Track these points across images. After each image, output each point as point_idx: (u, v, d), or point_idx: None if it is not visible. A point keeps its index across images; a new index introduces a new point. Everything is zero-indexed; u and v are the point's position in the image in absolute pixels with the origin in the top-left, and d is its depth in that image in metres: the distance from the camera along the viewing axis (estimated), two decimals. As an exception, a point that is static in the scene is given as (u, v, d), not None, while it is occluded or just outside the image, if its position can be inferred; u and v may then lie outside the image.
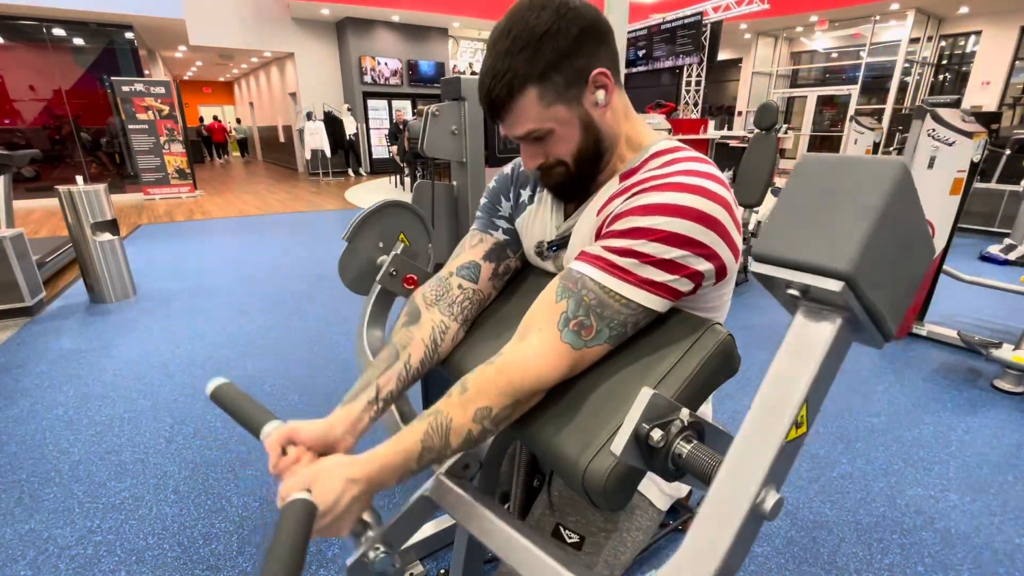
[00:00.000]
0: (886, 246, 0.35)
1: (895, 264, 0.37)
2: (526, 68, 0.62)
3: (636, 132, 0.73)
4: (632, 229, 0.61)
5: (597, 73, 0.65)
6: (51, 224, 6.34)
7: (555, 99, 0.65)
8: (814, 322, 0.37)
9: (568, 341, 0.62)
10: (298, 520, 0.49)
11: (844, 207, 0.35)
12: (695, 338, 0.62)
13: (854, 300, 0.34)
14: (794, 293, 0.36)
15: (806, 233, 0.35)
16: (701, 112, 11.45)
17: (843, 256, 0.33)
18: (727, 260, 0.63)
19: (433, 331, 0.78)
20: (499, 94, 0.64)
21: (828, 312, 0.36)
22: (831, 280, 0.33)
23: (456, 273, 0.82)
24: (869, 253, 0.34)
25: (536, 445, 0.66)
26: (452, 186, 1.66)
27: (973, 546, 1.53)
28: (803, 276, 0.35)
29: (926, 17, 10.26)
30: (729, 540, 0.34)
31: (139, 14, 8.35)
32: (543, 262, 0.82)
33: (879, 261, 0.35)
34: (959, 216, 2.76)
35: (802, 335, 0.37)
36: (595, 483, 0.56)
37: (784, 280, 0.36)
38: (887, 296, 0.37)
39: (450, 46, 12.81)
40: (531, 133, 0.67)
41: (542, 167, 0.72)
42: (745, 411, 0.40)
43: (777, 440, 0.36)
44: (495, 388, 0.62)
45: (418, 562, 1.46)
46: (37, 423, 2.15)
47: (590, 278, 0.63)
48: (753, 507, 0.36)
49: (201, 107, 21.64)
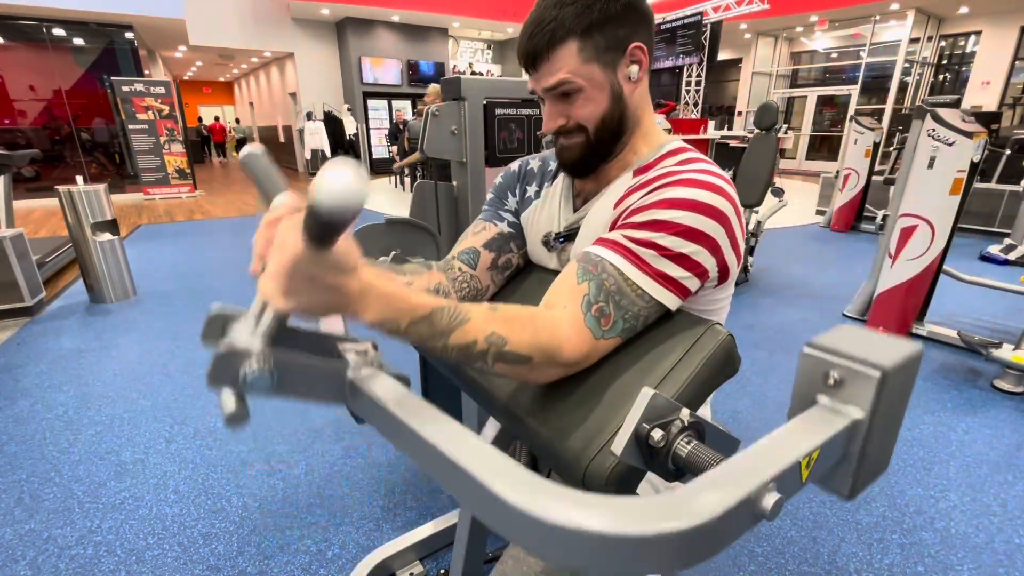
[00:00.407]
0: (895, 392, 0.39)
1: (890, 421, 0.41)
2: (572, 21, 0.64)
3: (652, 127, 0.74)
4: (653, 222, 0.62)
5: (635, 47, 0.67)
6: (51, 224, 6.34)
7: (592, 58, 0.65)
8: (829, 413, 0.41)
9: (590, 327, 0.61)
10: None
11: (884, 342, 0.41)
12: (695, 338, 0.62)
13: (874, 401, 0.39)
14: (834, 376, 0.41)
15: (855, 344, 0.41)
16: (701, 112, 11.46)
17: (886, 358, 0.38)
18: (731, 262, 0.64)
19: (441, 284, 0.79)
20: (540, 41, 0.65)
21: (844, 411, 0.41)
22: (871, 369, 0.38)
23: (457, 257, 0.83)
24: (898, 370, 0.38)
25: (536, 444, 0.66)
26: (452, 186, 1.66)
27: (973, 546, 1.53)
28: (847, 363, 0.40)
29: (926, 17, 10.26)
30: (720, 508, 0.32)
31: (139, 14, 8.35)
32: (548, 255, 0.82)
33: (894, 394, 0.39)
34: (959, 216, 2.76)
35: (816, 417, 0.41)
36: (595, 483, 0.56)
37: (829, 363, 0.41)
38: (879, 439, 0.41)
39: (450, 46, 12.81)
40: (561, 84, 0.67)
41: (561, 130, 0.71)
42: (746, 411, 0.40)
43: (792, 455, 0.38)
44: (521, 328, 0.57)
45: (418, 562, 1.46)
46: (37, 423, 2.15)
47: (610, 263, 0.63)
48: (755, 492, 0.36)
49: (201, 107, 21.71)
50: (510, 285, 0.87)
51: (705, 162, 0.67)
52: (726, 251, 0.63)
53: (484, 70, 14.31)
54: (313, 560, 1.48)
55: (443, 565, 1.48)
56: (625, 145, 0.72)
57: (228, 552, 1.51)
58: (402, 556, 1.44)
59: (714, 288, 0.67)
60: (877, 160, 5.67)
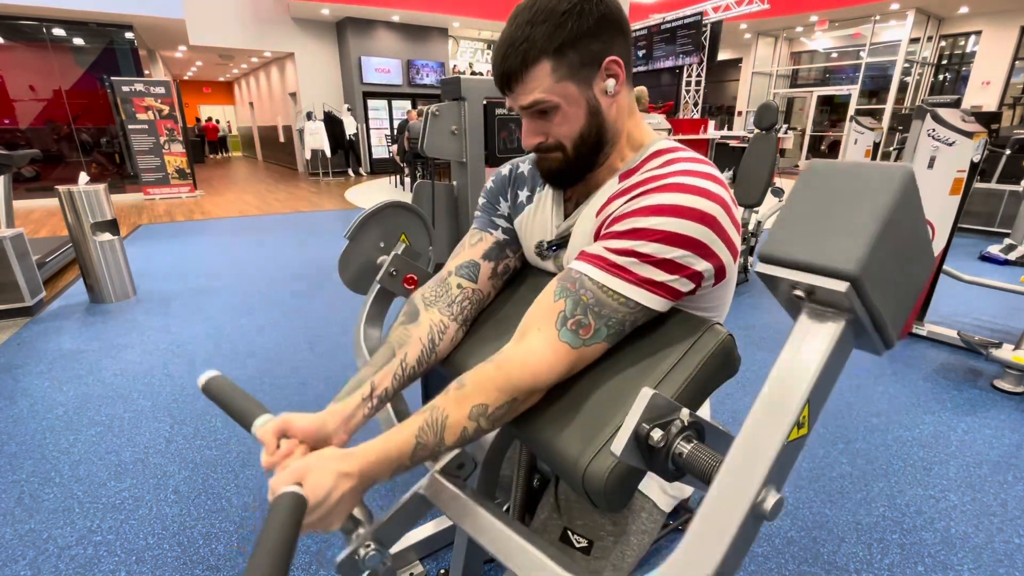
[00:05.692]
0: (891, 251, 0.35)
1: (899, 269, 0.37)
2: (544, 41, 0.63)
3: (638, 131, 0.73)
4: (633, 230, 0.61)
5: (610, 60, 0.66)
6: (51, 224, 6.33)
7: (567, 75, 0.65)
8: (817, 324, 0.37)
9: (566, 340, 0.62)
10: (288, 514, 0.48)
11: (851, 211, 0.35)
12: (695, 338, 0.62)
13: (858, 303, 0.35)
14: (799, 294, 0.37)
15: (813, 235, 0.36)
16: (701, 112, 11.46)
17: (849, 257, 0.33)
18: (726, 260, 0.63)
19: (431, 330, 0.78)
20: (513, 62, 0.65)
21: (831, 315, 0.36)
22: (836, 281, 0.33)
23: (455, 272, 0.82)
24: (875, 256, 0.34)
25: (536, 445, 0.66)
26: (452, 186, 1.66)
27: (973, 546, 1.53)
28: (809, 277, 0.35)
29: (926, 17, 10.26)
30: (728, 539, 0.33)
31: (139, 14, 8.34)
32: (543, 262, 0.82)
33: (884, 265, 0.35)
34: (959, 216, 2.75)
35: (805, 337, 0.37)
36: (595, 483, 0.56)
37: (789, 281, 0.37)
38: (890, 301, 0.37)
39: (450, 46, 12.81)
40: (537, 104, 0.66)
41: (540, 147, 0.71)
42: (745, 411, 0.40)
43: (779, 439, 0.36)
44: (493, 385, 0.62)
45: (418, 562, 1.46)
46: (37, 423, 2.15)
47: (589, 277, 0.63)
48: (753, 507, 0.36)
49: (201, 107, 21.79)
50: (508, 288, 0.87)
51: (690, 161, 0.65)
52: (719, 251, 0.62)
53: (484, 70, 14.31)
54: (313, 560, 1.48)
55: (443, 565, 1.48)
56: (608, 156, 0.72)
57: (228, 552, 1.51)
58: (402, 556, 1.44)
59: (712, 287, 0.67)
60: (877, 160, 5.66)
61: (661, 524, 0.81)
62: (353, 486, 0.57)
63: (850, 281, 0.33)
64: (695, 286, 0.63)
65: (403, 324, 0.79)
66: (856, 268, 0.33)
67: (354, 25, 10.99)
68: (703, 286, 0.64)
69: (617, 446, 0.49)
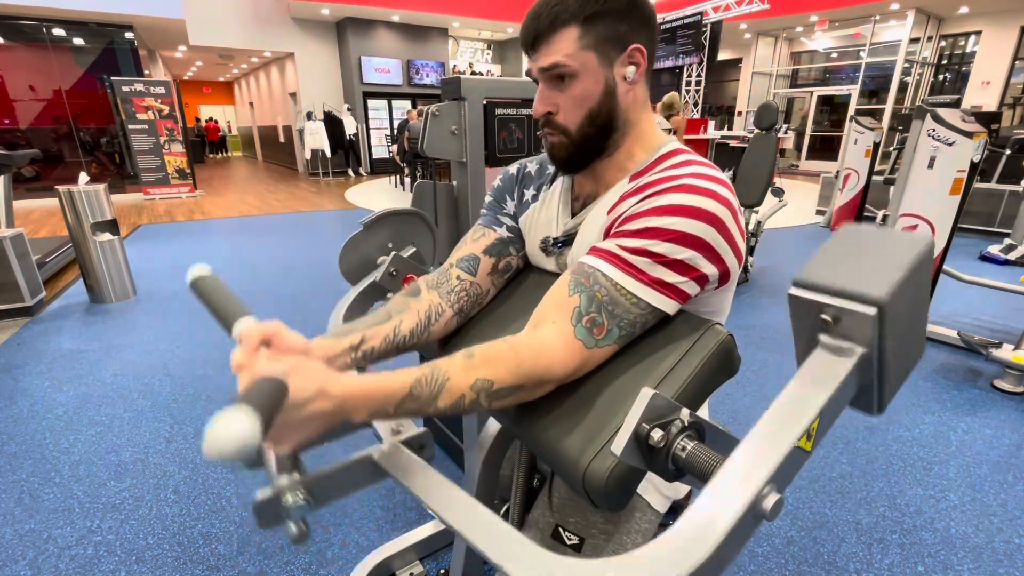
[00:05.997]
0: (905, 305, 0.38)
1: (907, 329, 0.40)
2: (577, 7, 0.64)
3: (650, 129, 0.74)
4: (646, 229, 0.62)
5: (635, 48, 0.67)
6: (51, 224, 6.33)
7: (591, 46, 0.66)
8: (834, 355, 0.40)
9: (581, 338, 0.62)
10: (272, 390, 0.43)
11: (881, 258, 0.39)
12: (695, 338, 0.62)
13: (876, 337, 0.37)
14: (826, 318, 0.39)
15: (847, 270, 0.39)
16: (701, 112, 11.46)
17: (881, 287, 0.37)
18: (731, 265, 0.64)
19: (430, 308, 0.78)
20: (543, 23, 0.66)
21: (848, 349, 0.39)
22: (866, 306, 0.36)
23: (456, 264, 0.83)
24: (899, 295, 0.37)
25: (536, 445, 0.66)
26: (452, 186, 1.66)
27: (973, 546, 1.53)
28: (840, 301, 0.38)
29: (926, 17, 10.26)
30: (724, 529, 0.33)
31: (139, 14, 8.34)
32: (547, 259, 0.82)
33: (900, 315, 0.38)
34: (959, 216, 2.75)
35: (822, 364, 0.39)
36: (595, 483, 0.56)
37: (820, 304, 0.39)
38: (898, 354, 0.39)
39: (450, 46, 12.81)
40: (556, 67, 0.67)
41: (548, 118, 0.71)
42: (745, 411, 0.40)
43: (789, 441, 0.37)
44: (503, 364, 0.60)
45: (418, 562, 1.46)
46: (37, 423, 2.15)
47: (603, 273, 0.63)
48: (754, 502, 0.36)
49: (201, 107, 21.80)
50: (508, 288, 0.87)
51: (701, 164, 0.66)
52: (725, 255, 0.62)
53: (484, 70, 14.31)
54: (313, 560, 1.48)
55: (443, 565, 1.48)
56: (618, 145, 0.72)
57: (228, 552, 1.51)
58: (402, 556, 1.44)
59: (715, 290, 0.67)
60: (877, 160, 5.67)
61: (657, 524, 0.81)
62: (329, 409, 0.51)
63: (879, 307, 0.36)
64: (700, 289, 0.63)
65: (405, 295, 0.80)
66: (887, 296, 0.36)
67: (354, 25, 10.99)
68: (706, 289, 0.65)
69: (617, 446, 0.49)
